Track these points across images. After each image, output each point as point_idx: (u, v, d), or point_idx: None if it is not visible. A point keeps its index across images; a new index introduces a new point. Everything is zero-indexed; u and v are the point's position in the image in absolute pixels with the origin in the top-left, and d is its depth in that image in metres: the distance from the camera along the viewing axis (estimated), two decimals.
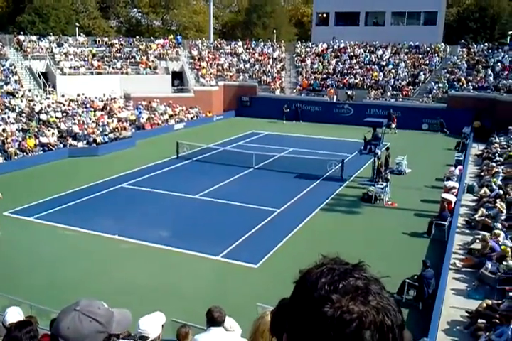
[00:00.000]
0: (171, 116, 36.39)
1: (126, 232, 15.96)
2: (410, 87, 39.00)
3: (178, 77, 42.17)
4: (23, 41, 36.26)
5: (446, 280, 11.79)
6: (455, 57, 41.25)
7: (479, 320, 10.15)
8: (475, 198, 18.80)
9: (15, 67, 33.85)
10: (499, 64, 38.68)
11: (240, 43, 48.45)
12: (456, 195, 17.69)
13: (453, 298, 11.37)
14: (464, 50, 42.21)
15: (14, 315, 6.80)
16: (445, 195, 17.27)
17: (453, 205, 16.90)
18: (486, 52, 41.14)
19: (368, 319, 1.00)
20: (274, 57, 46.15)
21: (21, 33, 39.17)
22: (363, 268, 1.13)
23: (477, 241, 14.09)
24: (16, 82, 32.50)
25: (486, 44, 43.09)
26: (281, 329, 1.90)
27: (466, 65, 39.61)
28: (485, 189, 18.76)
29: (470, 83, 37.14)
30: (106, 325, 1.75)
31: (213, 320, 6.02)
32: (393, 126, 33.65)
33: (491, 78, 37.02)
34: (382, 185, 20.02)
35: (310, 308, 1.06)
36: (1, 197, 16.04)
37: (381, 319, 1.01)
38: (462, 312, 10.68)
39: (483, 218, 15.86)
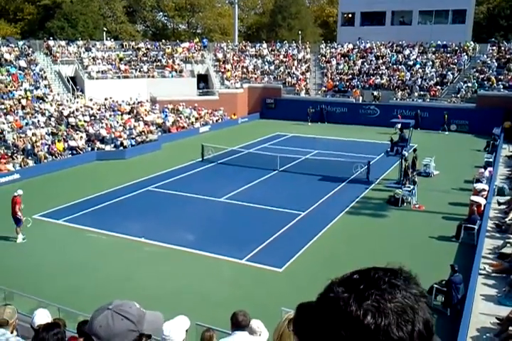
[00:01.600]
0: (196, 119, 36.63)
1: (151, 235, 16.10)
2: (438, 87, 38.35)
3: (203, 80, 42.45)
4: (53, 46, 37.05)
5: (475, 285, 11.51)
6: (485, 56, 40.40)
7: (510, 328, 9.87)
8: (506, 200, 18.31)
9: (44, 72, 34.60)
10: None
11: (264, 45, 48.48)
12: (486, 198, 17.28)
13: (482, 304, 11.09)
14: (494, 48, 41.30)
15: (42, 317, 6.90)
16: (474, 198, 16.89)
17: (482, 208, 16.51)
18: None
19: (347, 309, 1.01)
20: (298, 59, 46.01)
21: (51, 38, 40.05)
22: (404, 278, 1.08)
23: (508, 245, 13.72)
24: (45, 86, 33.21)
25: None
26: (305, 335, 1.86)
27: (496, 64, 38.74)
28: None
29: (500, 82, 36.31)
30: (137, 323, 1.78)
31: (238, 323, 6.01)
32: (398, 126, 32.76)
33: None
34: (409, 187, 19.71)
35: (321, 294, 1.09)
36: (27, 221, 16.35)
37: (361, 316, 1.00)
38: (492, 318, 10.40)
39: None
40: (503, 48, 40.92)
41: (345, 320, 1.00)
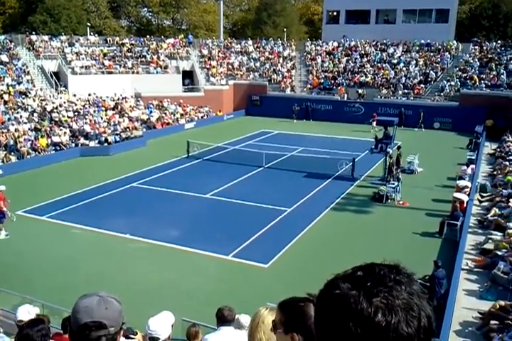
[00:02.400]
0: (181, 115, 36.49)
1: (137, 231, 16.03)
2: (422, 85, 38.72)
3: (188, 76, 42.26)
4: (35, 41, 36.54)
5: (458, 280, 11.68)
6: (467, 55, 40.89)
7: (492, 321, 10.04)
8: (487, 197, 18.60)
9: (27, 67, 34.12)
10: None
11: (250, 42, 48.44)
12: (468, 195, 17.53)
13: (465, 299, 11.26)
14: (477, 47, 41.81)
15: (24, 313, 6.83)
16: (457, 195, 17.11)
17: (465, 205, 16.74)
18: (499, 50, 40.72)
19: (358, 307, 1.02)
20: (284, 56, 46.06)
21: (33, 32, 39.47)
22: (406, 274, 1.11)
23: (490, 241, 13.95)
24: (28, 81, 32.76)
25: (499, 42, 42.64)
26: (293, 327, 1.88)
27: (478, 63, 39.24)
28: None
29: (483, 81, 36.79)
30: (112, 314, 1.84)
31: (223, 318, 6.03)
32: (374, 124, 33.02)
33: (504, 76, 36.65)
34: (393, 184, 19.90)
35: (325, 290, 1.09)
36: (12, 216, 16.15)
37: (372, 313, 1.01)
38: (474, 313, 10.57)
39: (495, 218, 15.68)
40: (485, 48, 41.46)
41: (355, 317, 1.01)
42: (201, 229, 16.47)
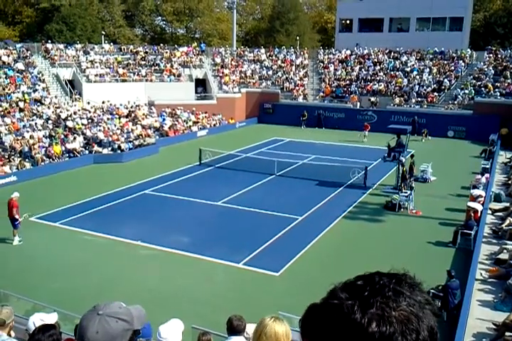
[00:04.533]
0: (194, 123, 36.66)
1: (148, 238, 16.06)
2: (435, 93, 38.52)
3: (201, 84, 42.51)
4: (51, 49, 37.05)
5: (471, 291, 11.52)
6: (481, 63, 40.62)
7: (507, 333, 9.88)
8: (502, 207, 18.37)
9: (42, 75, 34.58)
10: None
11: (262, 50, 48.62)
12: (482, 204, 17.33)
13: (479, 310, 11.10)
14: (491, 55, 41.54)
15: (37, 322, 6.83)
16: (471, 204, 16.92)
17: (479, 214, 16.55)
18: None
19: (351, 317, 1.00)
20: (296, 64, 46.16)
21: (49, 41, 40.06)
22: (410, 284, 1.08)
23: (504, 250, 13.75)
24: (43, 89, 33.19)
25: None
26: (310, 335, 1.86)
27: (493, 71, 38.97)
28: None
29: (497, 89, 36.51)
30: (131, 321, 1.79)
31: (233, 328, 5.98)
32: (366, 133, 33.28)
33: None
34: (406, 192, 19.74)
35: (324, 300, 1.08)
36: (26, 217, 16.24)
37: (365, 324, 0.99)
38: (489, 324, 10.41)
39: (510, 227, 15.48)
40: (499, 56, 41.16)
41: (349, 327, 0.99)
42: (212, 237, 16.46)
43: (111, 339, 1.73)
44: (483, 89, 37.15)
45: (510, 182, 21.60)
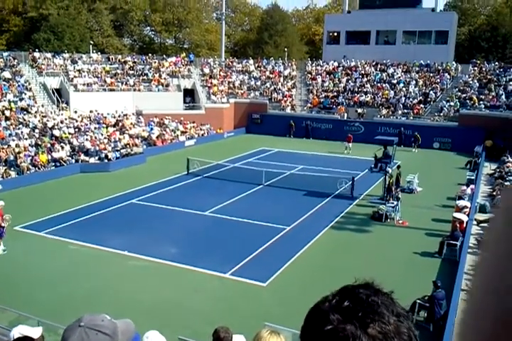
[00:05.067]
0: (182, 132, 36.65)
1: (135, 248, 15.94)
2: (421, 105, 39.01)
3: (189, 95, 42.58)
4: (38, 58, 36.93)
5: (457, 301, 11.58)
6: (466, 76, 41.28)
7: None
8: (487, 218, 18.56)
9: (29, 84, 34.41)
10: (511, 83, 38.63)
11: (251, 61, 48.93)
12: (468, 215, 17.50)
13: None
14: (476, 68, 42.23)
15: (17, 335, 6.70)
16: (457, 215, 17.08)
17: (465, 225, 16.70)
18: (497, 71, 41.14)
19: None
20: (285, 75, 46.50)
21: (36, 50, 39.91)
22: (386, 295, 1.09)
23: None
24: (30, 98, 32.99)
25: (498, 63, 43.09)
26: None
27: (477, 84, 39.61)
28: None
29: (482, 102, 37.08)
30: (112, 335, 1.75)
31: (219, 340, 5.96)
32: (350, 145, 33.62)
33: (503, 97, 36.96)
34: (393, 203, 19.88)
35: (314, 322, 1.04)
36: (9, 219, 16.03)
37: None
38: None
39: None
40: (484, 69, 41.88)
41: None
42: (200, 247, 16.39)
43: None
44: (468, 101, 37.71)
45: (495, 193, 21.86)
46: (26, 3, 58.28)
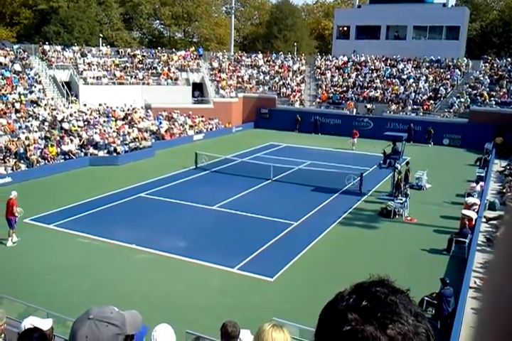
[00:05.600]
0: (190, 126, 36.66)
1: (143, 242, 16.01)
2: (431, 101, 38.71)
3: (198, 89, 42.55)
4: (48, 51, 37.01)
5: (465, 299, 11.54)
6: (477, 72, 40.90)
7: None
8: (496, 215, 18.44)
9: (39, 77, 34.52)
10: None
11: (260, 56, 48.77)
12: (477, 212, 17.39)
13: (473, 318, 11.10)
14: (487, 64, 41.83)
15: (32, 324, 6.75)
16: (466, 212, 16.97)
17: (474, 222, 16.60)
18: (509, 67, 40.70)
19: None
20: (294, 70, 46.30)
21: (46, 42, 40.01)
22: (403, 295, 1.07)
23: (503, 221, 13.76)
24: (39, 90, 33.11)
25: (509, 59, 42.64)
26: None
27: (488, 80, 39.24)
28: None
29: (492, 98, 36.75)
30: (121, 326, 1.79)
31: (227, 334, 5.96)
32: (355, 141, 33.40)
33: None
34: (401, 199, 19.79)
35: (331, 322, 1.02)
36: (21, 212, 16.17)
37: None
38: None
39: None
40: (495, 65, 41.46)
41: None
42: (207, 241, 16.43)
43: None
44: (478, 97, 37.38)
45: (504, 190, 21.70)
46: None
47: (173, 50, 46.87)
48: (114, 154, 28.17)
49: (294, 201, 21.11)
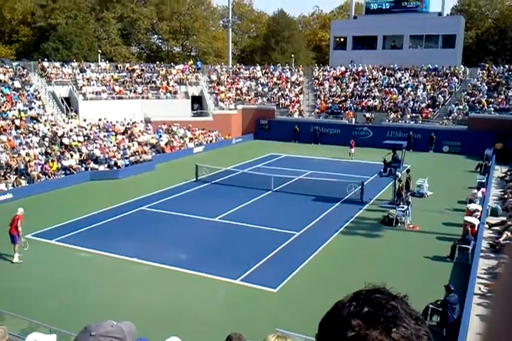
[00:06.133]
0: (190, 139, 36.76)
1: (145, 255, 15.95)
2: (430, 109, 38.86)
3: (197, 101, 42.76)
4: (47, 67, 37.27)
5: (470, 305, 11.46)
6: (475, 79, 41.09)
7: None
8: (499, 221, 18.38)
9: (39, 93, 34.72)
10: None
11: (258, 68, 49.07)
12: (479, 218, 17.34)
13: (479, 324, 11.01)
14: (484, 72, 42.04)
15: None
16: (468, 218, 16.95)
17: (476, 228, 16.56)
18: (506, 74, 40.91)
19: None
20: (292, 81, 46.55)
21: (45, 59, 40.30)
22: (402, 300, 1.07)
23: (503, 265, 13.71)
24: (39, 107, 33.28)
25: (506, 66, 42.86)
26: None
27: (486, 87, 39.40)
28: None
29: (491, 105, 36.87)
30: (124, 339, 1.79)
31: None
32: (352, 151, 33.21)
33: None
34: (403, 207, 19.76)
35: (334, 329, 1.02)
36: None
37: None
38: None
39: (508, 241, 15.48)
40: (492, 72, 41.66)
41: None
42: (209, 253, 16.37)
43: None
44: (477, 104, 37.51)
45: (506, 196, 21.66)
46: (35, 14, 58.97)
47: (172, 64, 47.22)
48: (115, 168, 28.21)
49: (295, 211, 21.07)
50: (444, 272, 14.70)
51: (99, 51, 50.92)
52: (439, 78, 42.37)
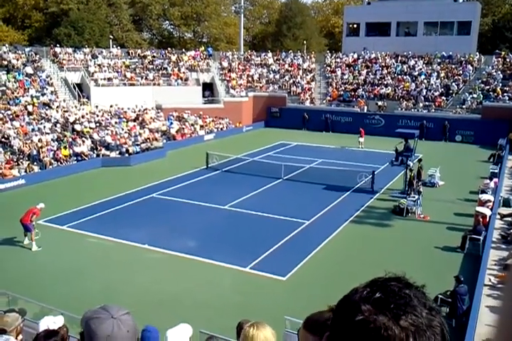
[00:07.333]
0: (201, 126, 36.74)
1: (156, 242, 16.08)
2: (443, 97, 38.39)
3: (208, 88, 42.62)
4: (59, 53, 37.29)
5: (480, 296, 11.42)
6: (490, 67, 40.47)
7: None
8: (511, 212, 18.22)
9: (51, 79, 34.80)
10: None
11: (269, 54, 48.71)
12: (491, 209, 17.21)
13: (488, 316, 10.98)
14: (499, 59, 41.37)
15: (48, 325, 6.81)
16: (480, 209, 16.81)
17: (488, 219, 16.44)
18: None
19: (388, 333, 0.97)
20: (304, 68, 46.18)
21: (57, 45, 40.33)
22: (418, 289, 1.07)
23: None
24: (51, 93, 33.38)
25: None
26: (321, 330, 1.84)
27: (501, 75, 38.80)
28: None
29: (506, 93, 36.33)
30: (132, 336, 1.80)
31: None
32: (361, 140, 33.02)
33: None
34: (414, 197, 19.65)
35: (344, 313, 1.05)
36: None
37: (404, 338, 0.97)
38: None
39: None
40: (508, 60, 40.98)
41: None
42: (219, 241, 16.45)
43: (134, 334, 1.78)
44: (491, 93, 36.99)
45: None
46: None
47: (183, 50, 46.99)
48: (126, 155, 28.32)
49: (305, 200, 21.06)
50: (455, 263, 14.66)
51: (111, 37, 50.83)
52: (453, 66, 41.78)
